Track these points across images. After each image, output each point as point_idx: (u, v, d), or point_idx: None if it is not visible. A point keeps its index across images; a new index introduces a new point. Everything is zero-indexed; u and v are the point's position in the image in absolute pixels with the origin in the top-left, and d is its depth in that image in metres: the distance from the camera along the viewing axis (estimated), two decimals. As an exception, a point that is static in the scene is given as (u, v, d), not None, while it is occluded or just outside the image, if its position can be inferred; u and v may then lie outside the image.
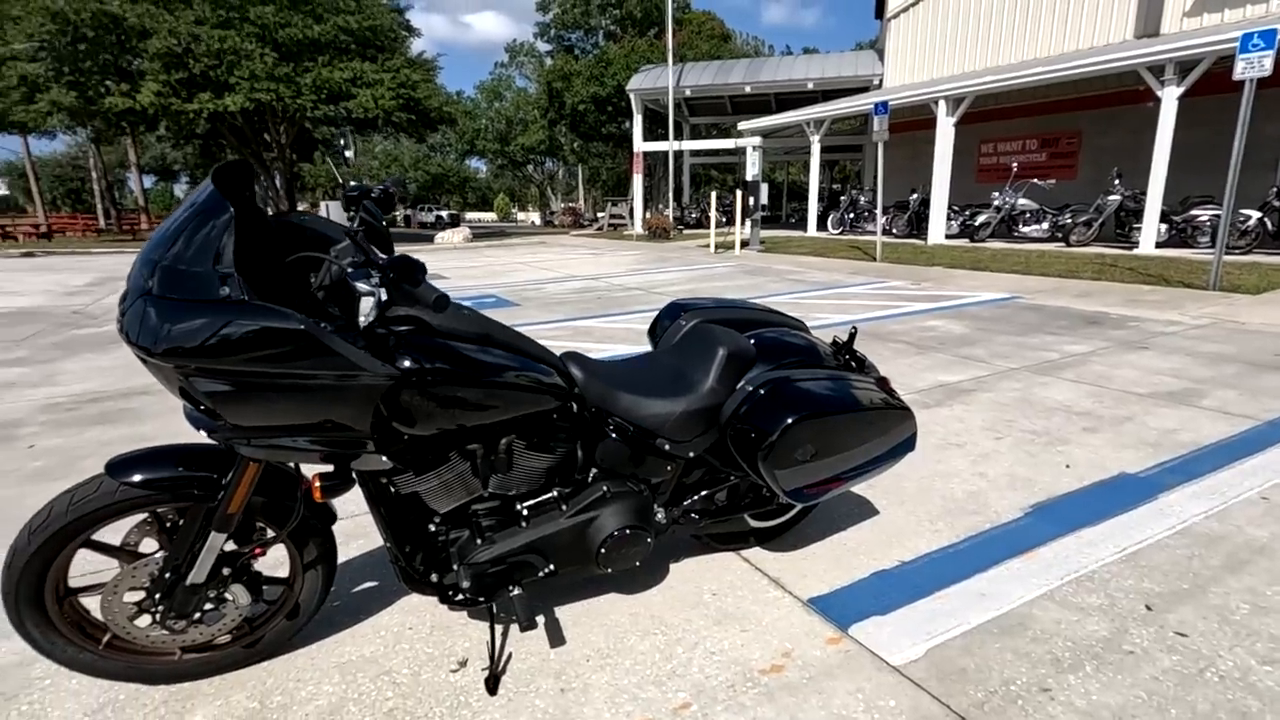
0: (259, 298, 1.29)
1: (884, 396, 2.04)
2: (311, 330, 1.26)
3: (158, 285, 1.24)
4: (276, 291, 1.39)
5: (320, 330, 1.28)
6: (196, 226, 1.25)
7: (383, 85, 21.67)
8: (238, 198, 1.36)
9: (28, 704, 1.68)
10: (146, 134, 27.14)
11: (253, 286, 1.32)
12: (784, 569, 2.24)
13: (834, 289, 8.82)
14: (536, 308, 7.87)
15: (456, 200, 64.88)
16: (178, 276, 1.23)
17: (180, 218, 1.28)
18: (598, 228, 26.54)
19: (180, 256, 1.24)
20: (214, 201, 1.26)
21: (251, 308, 1.23)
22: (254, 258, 1.39)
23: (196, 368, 1.26)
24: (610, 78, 29.39)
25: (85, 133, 25.79)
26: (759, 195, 14.39)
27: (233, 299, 1.22)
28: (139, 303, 1.25)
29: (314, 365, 1.30)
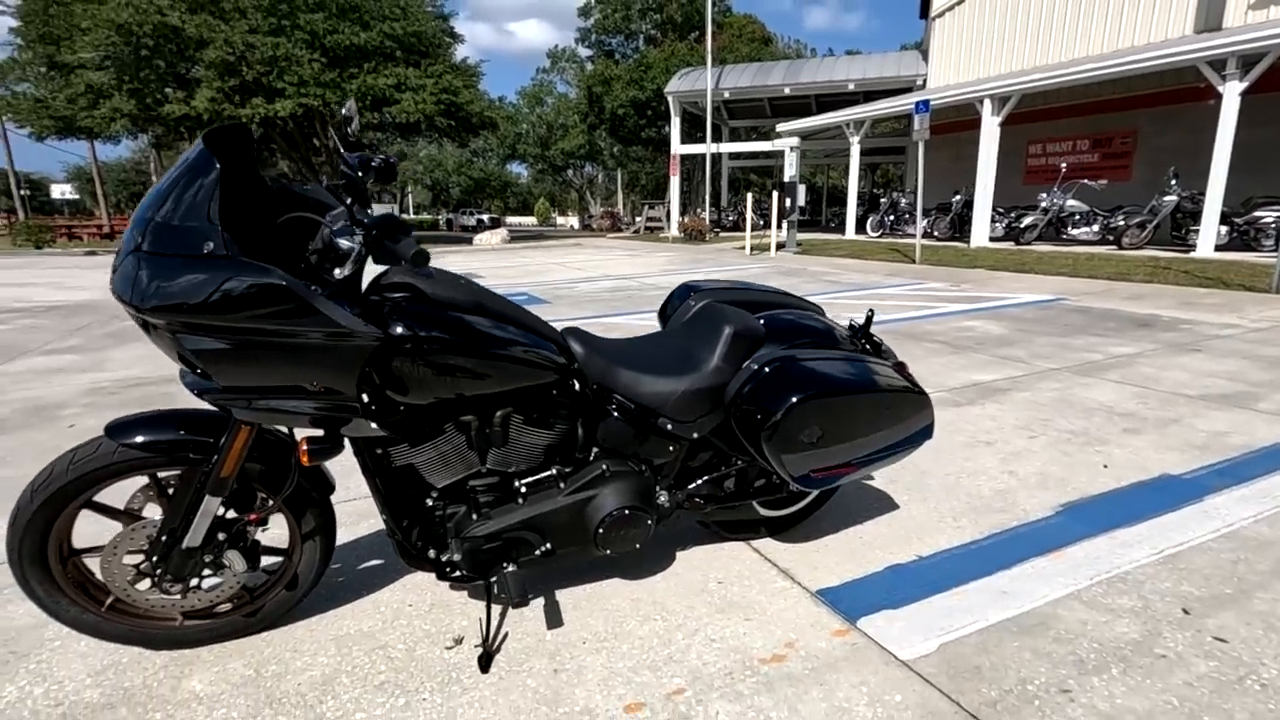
0: (250, 258, 1.29)
1: (900, 381, 1.96)
2: (292, 286, 1.25)
3: (147, 242, 1.25)
4: (270, 254, 1.39)
5: (301, 287, 1.27)
6: (185, 184, 1.26)
7: (425, 90, 22.12)
8: (232, 160, 1.37)
9: (36, 663, 1.72)
10: (203, 139, 28.17)
11: (247, 248, 1.32)
12: (795, 560, 2.17)
13: (869, 290, 8.63)
14: (567, 305, 7.89)
15: (498, 205, 65.86)
16: (165, 232, 1.24)
17: (171, 176, 1.29)
18: (634, 231, 26.59)
19: (168, 213, 1.25)
20: (202, 160, 1.26)
21: (234, 263, 1.23)
22: (248, 219, 1.39)
23: (183, 323, 1.27)
24: (650, 82, 29.46)
25: (146, 138, 26.94)
26: (796, 197, 14.21)
27: (216, 254, 1.22)
28: (129, 259, 1.26)
29: (296, 323, 1.29)
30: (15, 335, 6.33)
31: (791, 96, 22.12)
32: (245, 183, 1.47)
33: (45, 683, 1.65)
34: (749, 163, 31.04)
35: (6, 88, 24.13)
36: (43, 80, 21.95)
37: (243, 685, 1.63)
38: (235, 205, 1.32)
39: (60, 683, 1.64)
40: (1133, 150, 14.41)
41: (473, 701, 1.56)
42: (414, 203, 64.16)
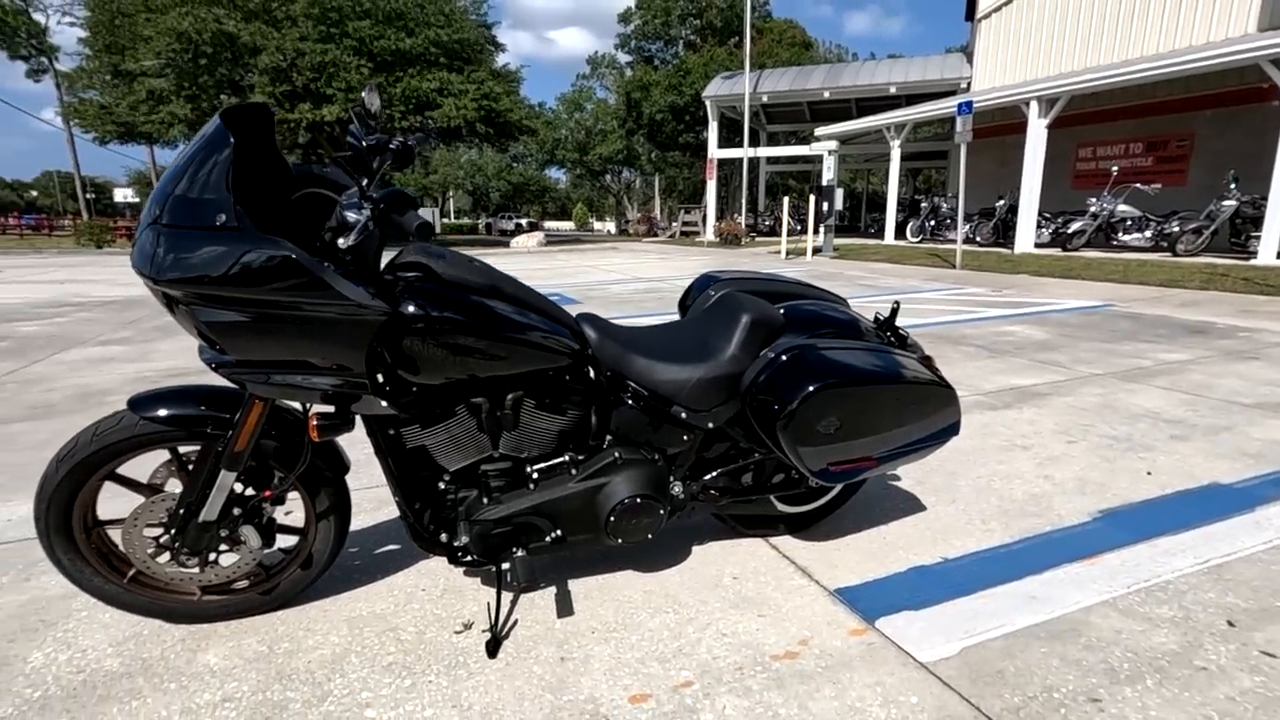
0: (265, 232, 1.31)
1: (925, 374, 1.89)
2: (299, 258, 1.27)
3: (164, 215, 1.28)
4: (286, 229, 1.41)
5: (309, 260, 1.28)
6: (202, 159, 1.28)
7: (467, 96, 22.52)
8: (251, 137, 1.39)
9: (63, 631, 1.77)
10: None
11: (263, 223, 1.34)
12: (813, 558, 2.11)
13: (905, 294, 8.45)
14: (598, 305, 7.90)
15: (536, 209, 66.61)
16: (180, 205, 1.27)
17: (188, 151, 1.32)
18: (669, 235, 26.58)
19: (184, 187, 1.28)
20: (218, 134, 1.29)
21: (245, 235, 1.25)
22: (266, 196, 1.41)
23: (196, 295, 1.29)
24: (688, 87, 29.49)
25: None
26: (833, 200, 14.02)
27: (228, 226, 1.24)
28: (147, 232, 1.29)
29: (304, 295, 1.30)
30: (72, 327, 6.61)
31: (831, 100, 21.88)
32: (263, 160, 1.50)
33: (69, 650, 1.69)
34: (787, 167, 30.76)
35: (75, 95, 25.37)
36: (107, 88, 23.02)
37: (255, 660, 1.65)
38: (253, 181, 1.34)
39: (84, 651, 1.69)
40: (1189, 153, 13.84)
41: (478, 685, 1.55)
42: (455, 207, 65.29)
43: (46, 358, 5.17)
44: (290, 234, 1.43)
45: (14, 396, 4.10)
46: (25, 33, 27.67)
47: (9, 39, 27.75)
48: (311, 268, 1.28)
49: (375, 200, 1.29)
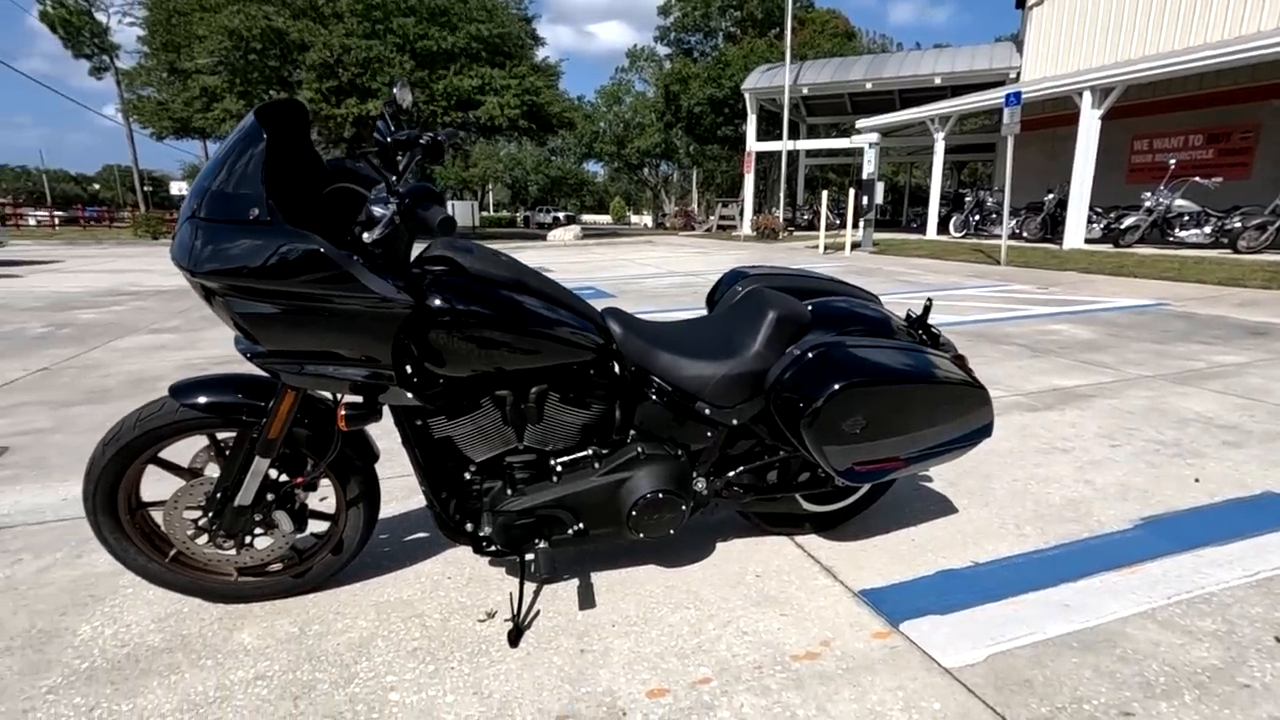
0: (297, 226, 1.34)
1: (957, 374, 1.84)
2: (327, 251, 1.30)
3: (201, 209, 1.32)
4: (318, 224, 1.44)
5: (336, 253, 1.31)
6: (237, 155, 1.32)
7: (509, 91, 22.70)
8: (286, 133, 1.42)
9: (111, 606, 1.85)
10: (302, 138, 29.93)
11: (296, 217, 1.37)
12: (839, 558, 2.08)
13: (947, 291, 8.25)
14: (632, 299, 7.91)
15: (574, 203, 66.92)
16: (216, 199, 1.31)
17: (225, 147, 1.36)
18: (706, 229, 26.44)
19: (221, 181, 1.32)
20: (252, 130, 1.32)
21: (276, 228, 1.28)
22: (300, 191, 1.45)
23: (231, 287, 1.33)
24: (728, 79, 29.22)
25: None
26: (873, 195, 13.75)
27: (261, 220, 1.28)
28: (186, 225, 1.34)
29: (331, 288, 1.33)
30: (127, 315, 6.90)
31: (873, 92, 21.45)
32: (298, 155, 1.53)
33: (115, 625, 1.77)
34: (827, 160, 30.31)
35: (133, 92, 26.38)
36: (164, 85, 23.86)
37: (287, 641, 1.70)
38: (287, 176, 1.38)
39: (128, 626, 1.77)
40: (1254, 146, 13.19)
41: (499, 674, 1.58)
42: (494, 200, 66.03)
43: (103, 344, 5.41)
44: (322, 228, 1.46)
45: (74, 381, 4.30)
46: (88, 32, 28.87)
47: (74, 38, 28.99)
48: (338, 261, 1.31)
49: (401, 195, 1.31)
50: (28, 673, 1.60)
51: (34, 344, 5.44)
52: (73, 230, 26.63)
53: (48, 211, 30.35)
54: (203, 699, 1.50)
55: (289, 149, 1.46)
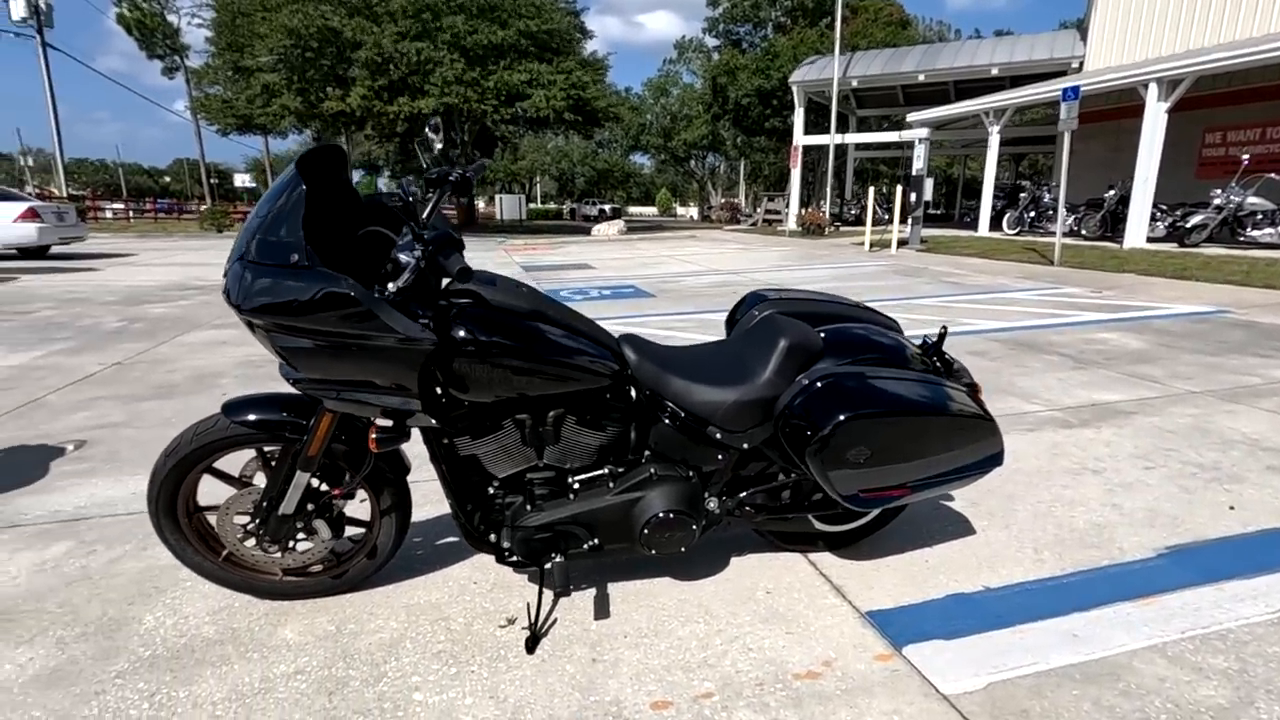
0: (335, 268, 1.47)
1: (967, 405, 1.87)
2: (357, 294, 1.41)
3: (250, 251, 1.46)
4: (354, 261, 1.57)
5: (365, 295, 1.42)
6: (280, 202, 1.45)
7: (556, 86, 22.93)
8: (324, 178, 1.55)
9: (172, 597, 2.04)
10: (357, 133, 30.84)
11: (334, 256, 1.50)
12: (850, 577, 2.13)
13: (994, 293, 8.06)
14: (671, 299, 7.98)
15: (620, 195, 67.09)
16: (262, 244, 1.45)
17: (270, 194, 1.49)
18: (751, 223, 26.23)
19: (266, 226, 1.45)
20: (293, 180, 1.45)
21: (312, 273, 1.41)
22: (338, 230, 1.58)
23: (274, 324, 1.46)
24: (776, 70, 28.82)
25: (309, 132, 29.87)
26: (922, 191, 13.44)
27: (299, 265, 1.40)
28: (236, 265, 1.47)
29: (361, 326, 1.45)
30: (192, 310, 7.31)
31: (926, 84, 20.86)
32: (338, 195, 1.66)
33: (175, 616, 1.95)
34: (877, 153, 29.64)
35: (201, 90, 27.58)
36: (228, 83, 24.90)
37: (324, 639, 1.85)
38: (327, 216, 1.50)
39: (186, 617, 1.95)
40: (1339, 139, 12.37)
41: (515, 679, 1.69)
42: (541, 192, 66.72)
43: (171, 339, 5.76)
44: (358, 263, 1.59)
45: (144, 376, 4.61)
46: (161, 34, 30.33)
47: (147, 39, 30.49)
48: (365, 302, 1.42)
49: (426, 242, 1.42)
50: (99, 658, 1.78)
51: (110, 338, 5.84)
52: (145, 223, 28.10)
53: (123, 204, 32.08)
54: (249, 689, 1.66)
55: (330, 189, 1.59)
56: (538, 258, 14.00)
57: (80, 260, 12.73)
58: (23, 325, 6.37)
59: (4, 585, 2.12)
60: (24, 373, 4.64)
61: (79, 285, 9.27)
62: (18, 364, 4.89)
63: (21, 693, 1.65)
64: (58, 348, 5.42)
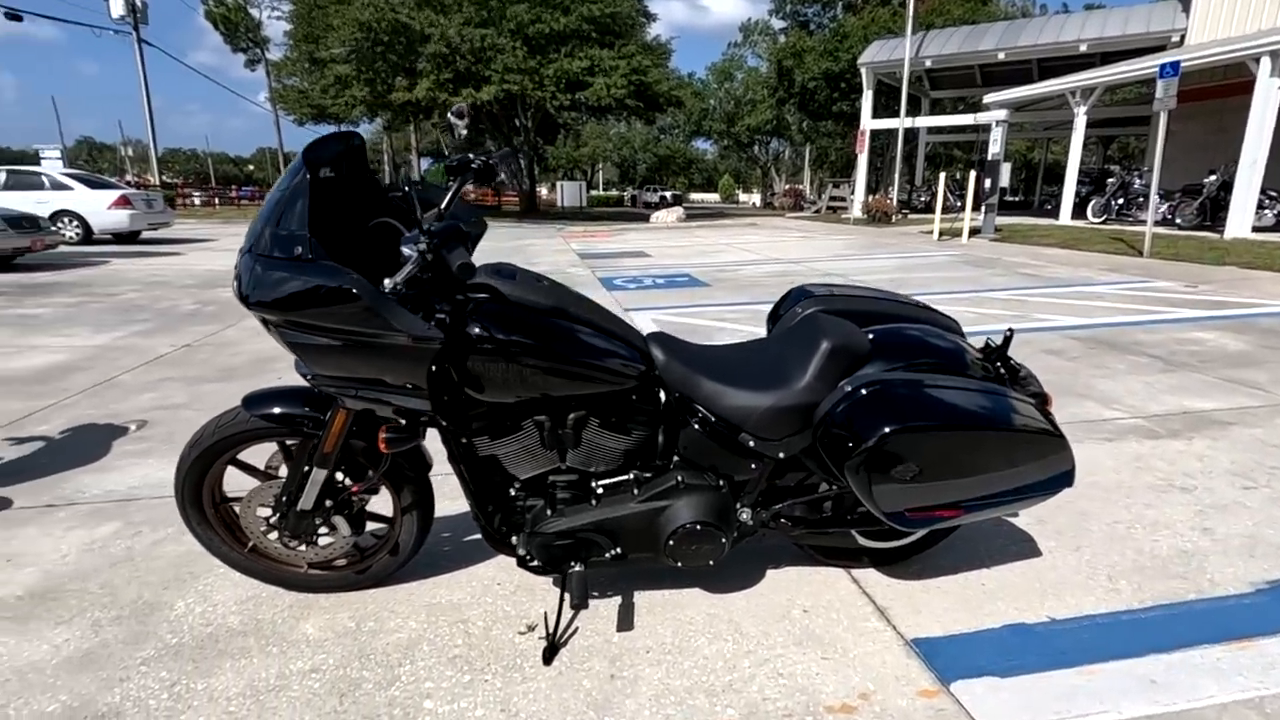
0: (351, 261, 1.41)
1: (1032, 418, 1.67)
2: (358, 289, 1.34)
3: (258, 244, 1.41)
4: (370, 257, 1.51)
5: (367, 289, 1.35)
6: (288, 195, 1.39)
7: (617, 72, 22.81)
8: (343, 167, 1.49)
9: (204, 584, 2.05)
10: (424, 121, 31.56)
11: (352, 251, 1.44)
12: (896, 598, 1.97)
13: (1074, 287, 7.52)
14: (726, 289, 7.79)
15: (681, 181, 66.55)
16: (270, 237, 1.40)
17: (278, 186, 1.44)
18: (815, 210, 25.52)
19: (272, 219, 1.40)
20: (298, 170, 1.39)
21: (315, 266, 1.35)
22: (355, 221, 1.52)
23: (280, 319, 1.42)
24: (845, 52, 27.84)
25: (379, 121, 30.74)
26: (998, 176, 12.69)
27: (303, 258, 1.35)
28: (246, 258, 1.43)
29: (364, 324, 1.39)
30: (260, 295, 7.58)
31: (1007, 63, 19.68)
32: (357, 184, 1.60)
33: (205, 604, 1.97)
34: (952, 137, 28.28)
35: (280, 82, 28.75)
36: (304, 74, 25.84)
37: (343, 636, 1.82)
38: (342, 207, 1.44)
39: (215, 605, 1.96)
40: None
41: (528, 691, 1.62)
42: (603, 179, 66.87)
43: (237, 322, 5.98)
44: (374, 258, 1.52)
45: (209, 359, 4.78)
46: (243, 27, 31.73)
47: (232, 33, 31.95)
48: (365, 297, 1.35)
49: (431, 235, 1.33)
50: (129, 642, 1.80)
51: (184, 320, 6.11)
52: (229, 209, 29.56)
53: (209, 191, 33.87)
54: (264, 685, 1.64)
55: (350, 179, 1.53)
56: (594, 244, 13.98)
57: (167, 245, 13.45)
58: (109, 307, 6.74)
59: (55, 564, 2.19)
60: (103, 353, 4.88)
61: (162, 269, 9.78)
62: (99, 344, 5.16)
63: (53, 674, 1.68)
64: (136, 329, 5.70)
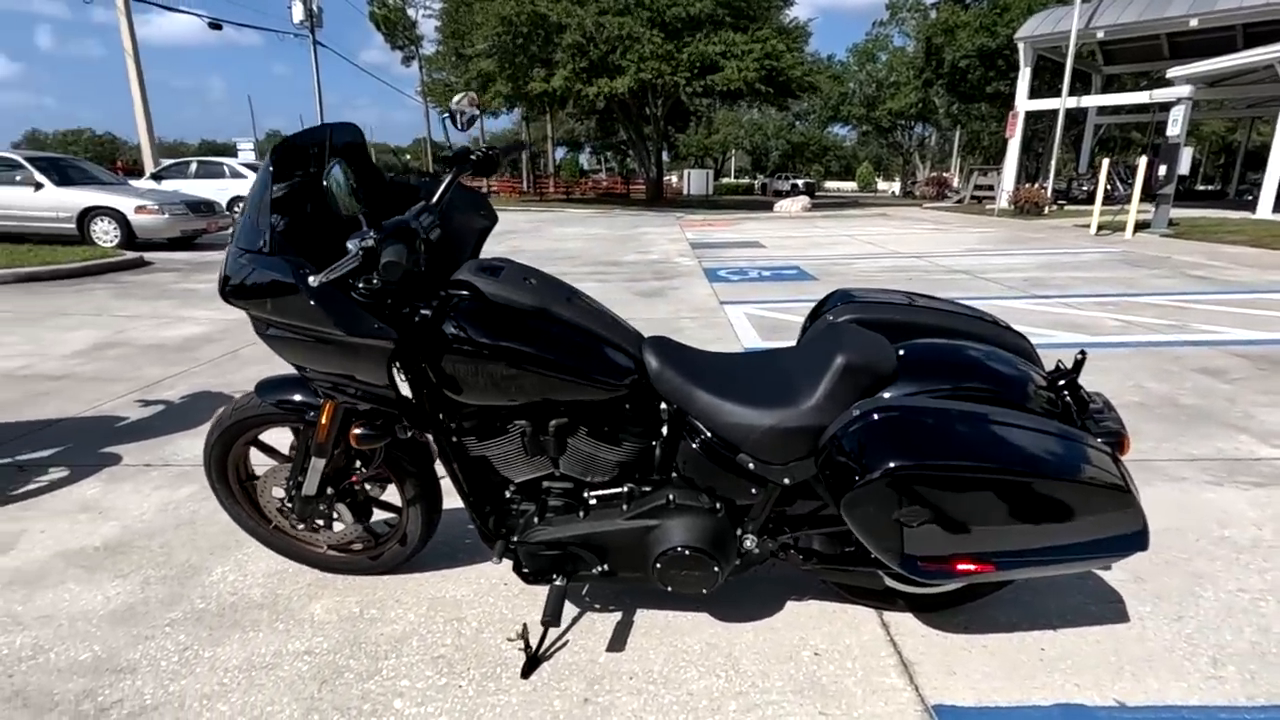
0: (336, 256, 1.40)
1: (1091, 466, 1.36)
2: (297, 281, 1.32)
3: (233, 237, 1.44)
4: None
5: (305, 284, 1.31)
6: (257, 188, 1.40)
7: (749, 56, 22.26)
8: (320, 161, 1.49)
9: (244, 553, 2.18)
10: (559, 111, 32.51)
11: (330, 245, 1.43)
12: (928, 653, 1.71)
13: (1256, 294, 6.38)
14: (834, 284, 7.33)
15: (816, 169, 64.11)
16: (241, 229, 1.41)
17: (257, 179, 1.46)
18: (956, 200, 23.61)
19: (247, 211, 1.42)
20: (267, 165, 1.40)
21: (269, 259, 1.34)
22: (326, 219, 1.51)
23: (248, 310, 1.44)
24: (1004, 26, 25.45)
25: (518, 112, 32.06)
26: (1175, 163, 11.00)
27: (263, 250, 1.35)
28: (229, 249, 1.46)
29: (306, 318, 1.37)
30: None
31: (1201, 30, 17.04)
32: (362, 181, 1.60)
33: (238, 573, 2.09)
34: (1130, 118, 25.01)
35: (431, 76, 30.74)
36: (453, 69, 27.42)
37: (345, 620, 1.86)
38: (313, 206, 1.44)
39: (245, 575, 2.07)
40: None
41: (496, 705, 1.56)
42: (734, 166, 65.82)
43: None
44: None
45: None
46: (401, 26, 34.25)
47: (391, 33, 34.58)
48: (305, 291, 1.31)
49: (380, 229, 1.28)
50: (166, 602, 1.95)
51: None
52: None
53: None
54: (260, 661, 1.71)
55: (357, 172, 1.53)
56: (709, 234, 13.75)
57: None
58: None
59: (134, 521, 2.42)
60: (236, 326, 5.40)
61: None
62: (236, 318, 5.74)
63: (96, 625, 1.85)
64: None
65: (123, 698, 1.58)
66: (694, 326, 5.38)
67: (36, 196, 9.94)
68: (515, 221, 17.65)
